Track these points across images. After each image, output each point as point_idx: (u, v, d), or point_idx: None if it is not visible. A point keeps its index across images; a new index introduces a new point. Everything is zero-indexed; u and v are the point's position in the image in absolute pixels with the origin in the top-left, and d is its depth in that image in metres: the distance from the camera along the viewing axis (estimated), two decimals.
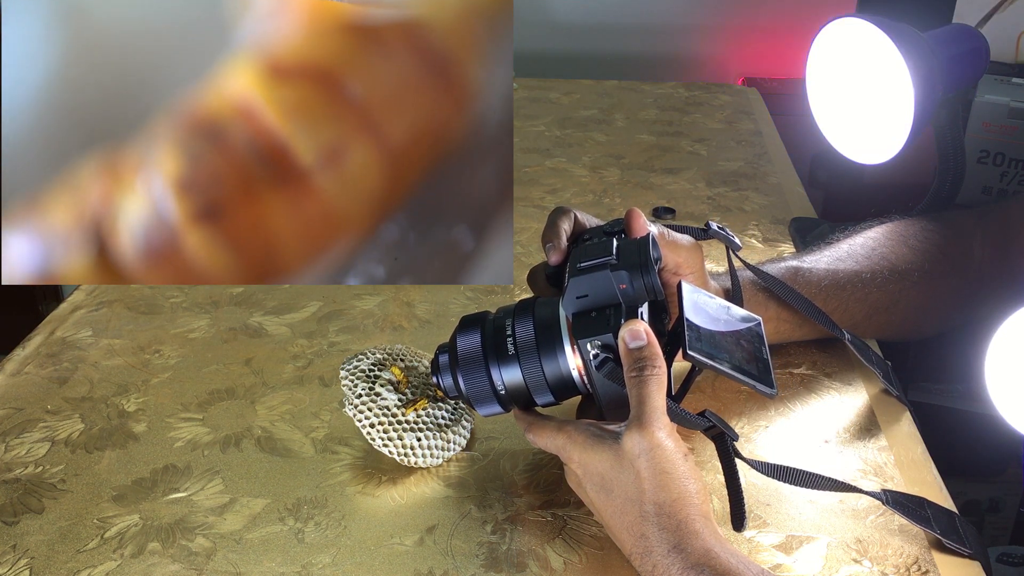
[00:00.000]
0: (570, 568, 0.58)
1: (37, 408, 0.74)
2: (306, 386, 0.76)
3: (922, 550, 0.59)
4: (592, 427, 0.57)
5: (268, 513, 0.63)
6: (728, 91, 1.58)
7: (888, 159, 0.85)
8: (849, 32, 0.85)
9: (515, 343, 0.60)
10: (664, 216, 1.07)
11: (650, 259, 0.58)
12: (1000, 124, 1.15)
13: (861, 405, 0.74)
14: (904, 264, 0.77)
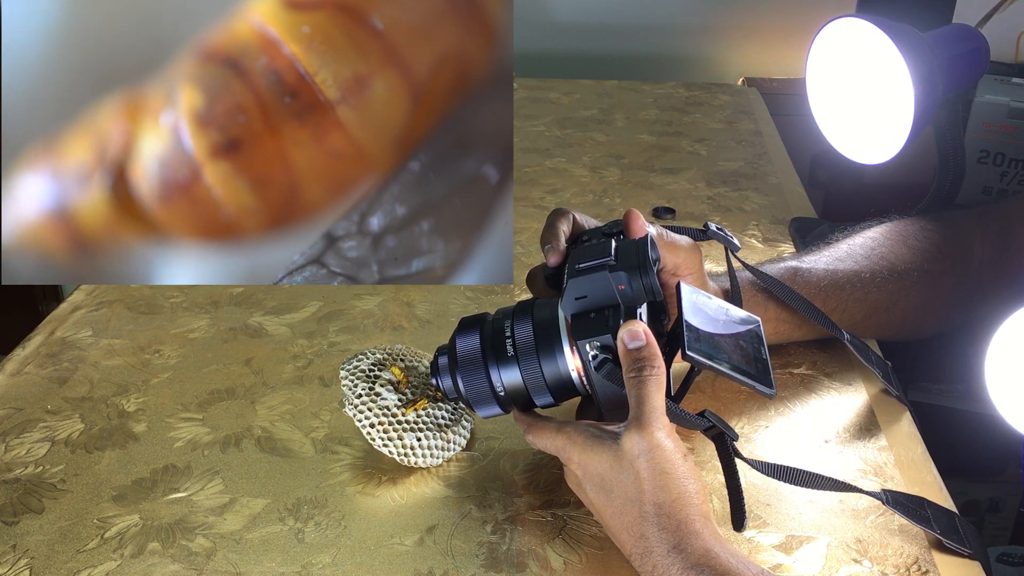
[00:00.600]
0: (570, 568, 0.58)
1: (37, 408, 0.74)
2: (306, 386, 0.76)
3: (922, 550, 0.59)
4: (591, 428, 0.57)
5: (268, 513, 0.63)
6: (728, 91, 1.58)
7: (888, 159, 0.85)
8: (849, 32, 0.85)
9: (514, 344, 0.60)
10: (664, 216, 1.07)
11: (649, 260, 0.58)
12: (1000, 124, 1.15)
13: (861, 405, 0.74)
14: (903, 264, 0.77)
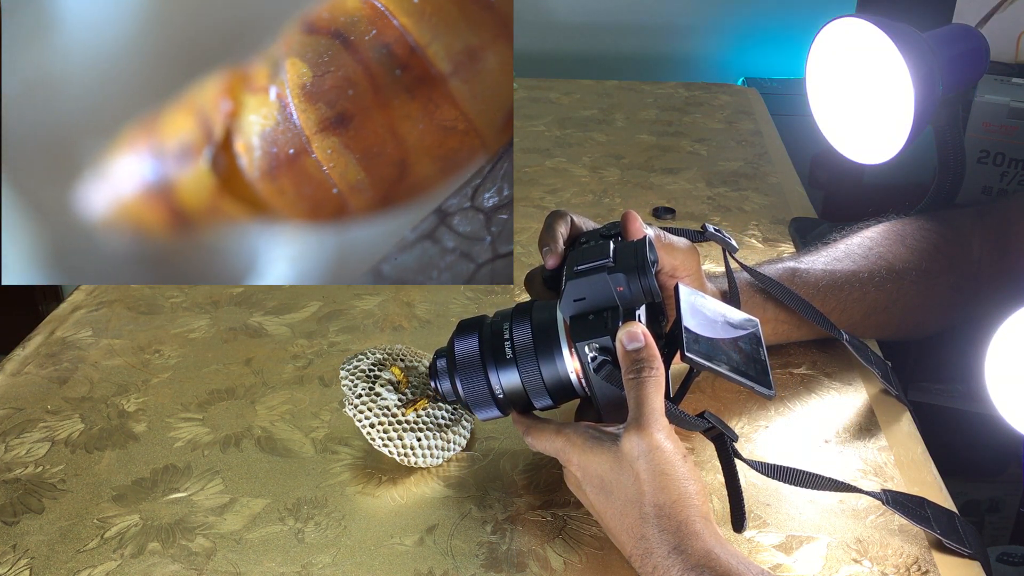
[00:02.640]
0: (570, 568, 0.58)
1: (37, 408, 0.74)
2: (306, 386, 0.76)
3: (922, 550, 0.59)
4: (591, 429, 0.57)
5: (268, 513, 0.63)
6: (728, 91, 1.58)
7: (888, 159, 0.85)
8: (849, 32, 0.84)
9: (513, 347, 0.60)
10: (664, 216, 1.07)
11: (647, 261, 0.58)
12: (1000, 124, 1.15)
13: (861, 405, 0.74)
14: (902, 264, 0.77)
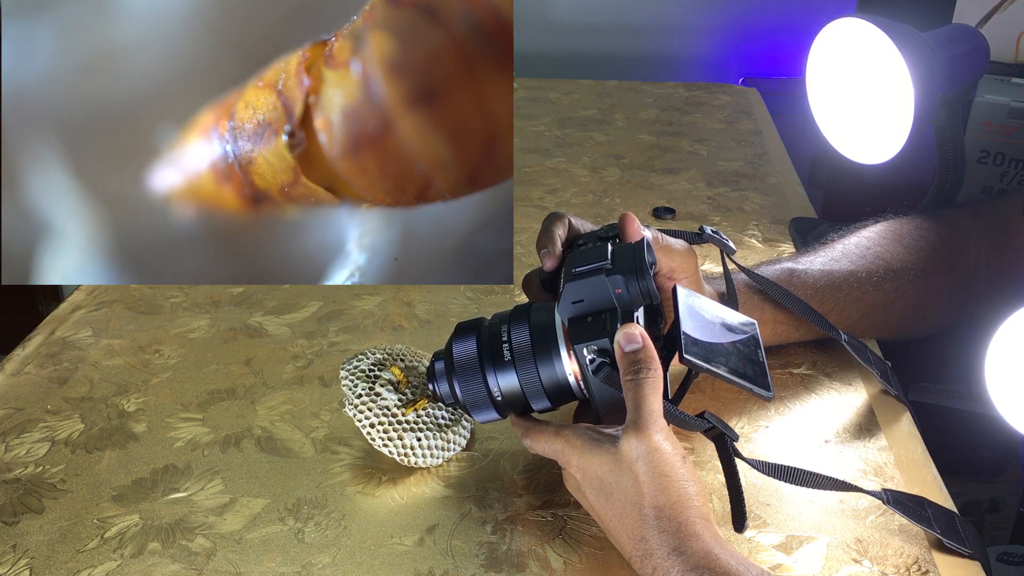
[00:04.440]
0: (570, 568, 0.58)
1: (37, 408, 0.74)
2: (306, 386, 0.76)
3: (922, 550, 0.59)
4: (590, 431, 0.57)
5: (268, 513, 0.63)
6: (728, 91, 1.58)
7: (888, 159, 0.85)
8: (849, 32, 0.85)
9: (511, 349, 0.60)
10: (664, 216, 1.07)
11: (645, 263, 0.58)
12: (1000, 124, 1.15)
13: (861, 405, 0.74)
14: (899, 263, 0.77)
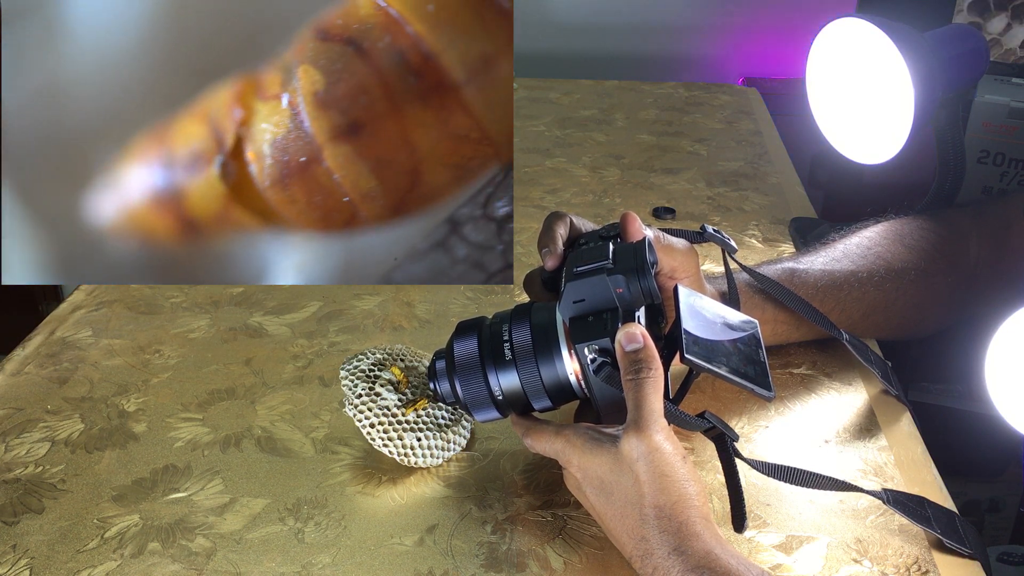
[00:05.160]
0: (570, 568, 0.58)
1: (37, 408, 0.74)
2: (306, 386, 0.76)
3: (922, 550, 0.59)
4: (590, 431, 0.57)
5: (268, 513, 0.63)
6: (728, 91, 1.58)
7: (888, 159, 0.85)
8: (849, 32, 0.85)
9: (512, 348, 0.60)
10: (664, 216, 1.07)
11: (646, 263, 0.58)
12: (1000, 124, 1.15)
13: (861, 405, 0.74)
14: (900, 263, 0.77)
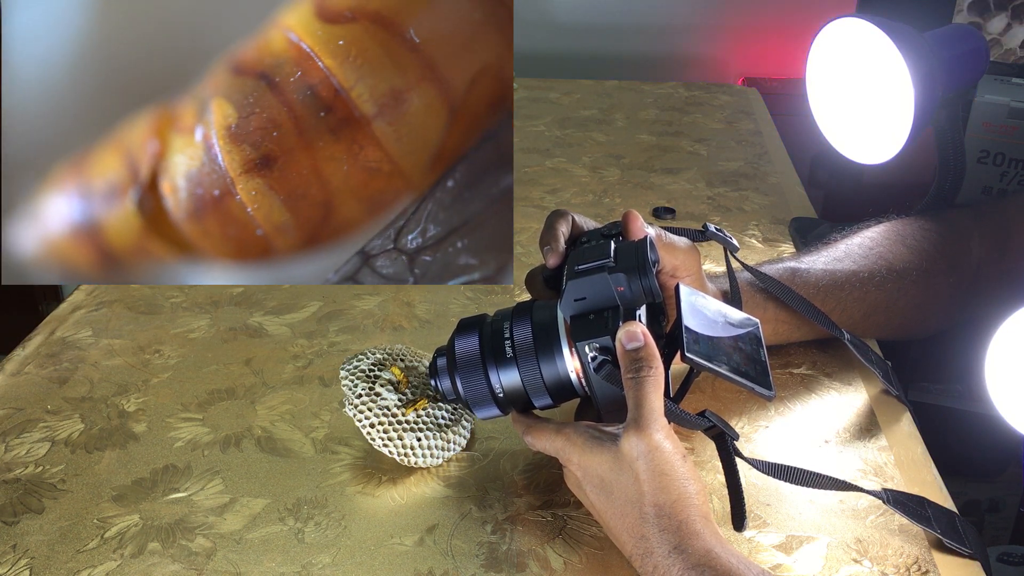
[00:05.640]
0: (570, 568, 0.58)
1: (37, 408, 0.74)
2: (306, 386, 0.76)
3: (922, 550, 0.59)
4: (591, 429, 0.57)
5: (268, 513, 0.63)
6: (728, 91, 1.58)
7: (888, 159, 0.85)
8: (849, 32, 0.85)
9: (513, 346, 0.60)
10: (664, 216, 1.07)
11: (648, 261, 0.58)
12: (1000, 124, 1.15)
13: (861, 405, 0.74)
14: (902, 263, 0.77)
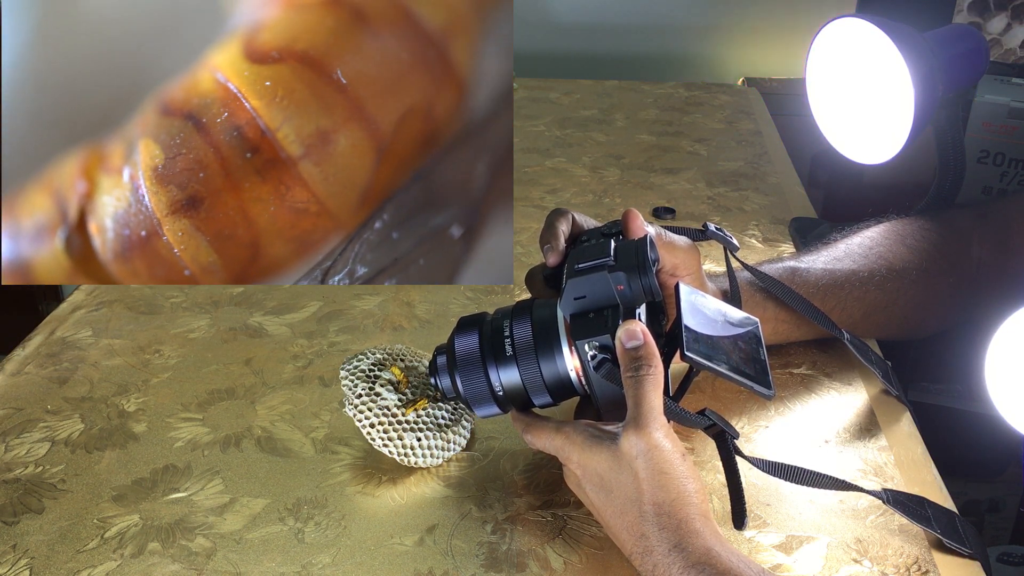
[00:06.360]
0: (570, 568, 0.58)
1: (37, 408, 0.74)
2: (306, 386, 0.76)
3: (922, 550, 0.59)
4: (590, 428, 0.57)
5: (268, 513, 0.63)
6: (728, 91, 1.58)
7: (888, 159, 0.85)
8: (849, 32, 0.85)
9: (513, 344, 0.60)
10: (664, 216, 1.07)
11: (648, 260, 0.58)
12: (1000, 124, 1.15)
13: (861, 405, 0.74)
14: (902, 263, 0.77)
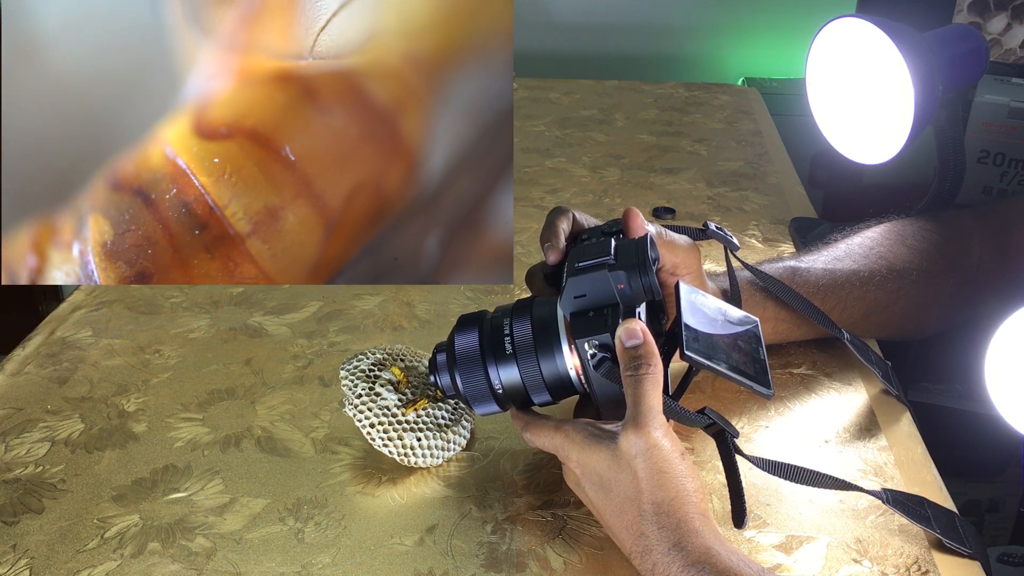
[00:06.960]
0: (570, 568, 0.58)
1: (37, 408, 0.74)
2: (306, 386, 0.76)
3: (922, 550, 0.59)
4: (589, 427, 0.57)
5: (268, 513, 0.63)
6: (728, 91, 1.58)
7: (888, 159, 0.85)
8: (849, 32, 0.85)
9: (513, 343, 0.60)
10: (664, 216, 1.07)
11: (648, 259, 0.58)
12: (1000, 124, 1.15)
13: (861, 405, 0.74)
14: (902, 263, 0.77)
